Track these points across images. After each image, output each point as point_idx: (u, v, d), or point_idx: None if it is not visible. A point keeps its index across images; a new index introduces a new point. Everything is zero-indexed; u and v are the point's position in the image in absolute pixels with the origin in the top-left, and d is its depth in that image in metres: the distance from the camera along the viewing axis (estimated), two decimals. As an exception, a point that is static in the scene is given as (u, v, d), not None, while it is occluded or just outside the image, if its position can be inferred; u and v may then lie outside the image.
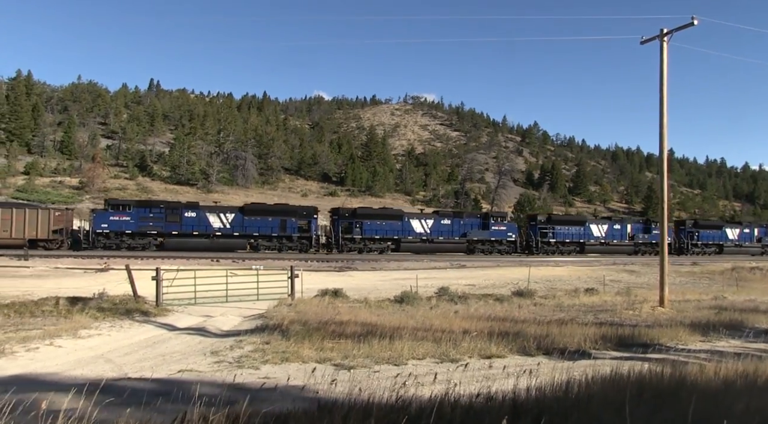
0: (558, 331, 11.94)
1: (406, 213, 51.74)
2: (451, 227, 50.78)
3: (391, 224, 48.75)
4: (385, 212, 51.21)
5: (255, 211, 46.37)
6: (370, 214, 49.41)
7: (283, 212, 47.21)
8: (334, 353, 9.64)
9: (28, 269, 31.94)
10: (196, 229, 43.83)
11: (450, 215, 52.55)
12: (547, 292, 25.74)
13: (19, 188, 70.27)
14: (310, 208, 49.13)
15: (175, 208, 44.42)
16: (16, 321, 13.85)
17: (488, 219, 52.35)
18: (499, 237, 52.29)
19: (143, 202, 46.25)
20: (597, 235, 57.07)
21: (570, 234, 55.77)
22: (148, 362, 9.83)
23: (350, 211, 49.57)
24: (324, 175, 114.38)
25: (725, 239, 65.06)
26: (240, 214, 45.33)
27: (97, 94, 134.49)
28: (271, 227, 45.36)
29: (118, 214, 42.60)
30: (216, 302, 18.44)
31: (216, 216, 44.83)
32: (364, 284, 28.19)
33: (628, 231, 59.12)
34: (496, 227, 52.17)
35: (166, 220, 43.39)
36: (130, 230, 42.52)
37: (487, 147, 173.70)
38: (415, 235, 49.57)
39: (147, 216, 43.24)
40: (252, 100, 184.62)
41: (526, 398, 5.06)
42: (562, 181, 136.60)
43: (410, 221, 49.60)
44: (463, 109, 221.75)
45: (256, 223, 45.11)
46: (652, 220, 63.77)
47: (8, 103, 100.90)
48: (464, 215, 53.80)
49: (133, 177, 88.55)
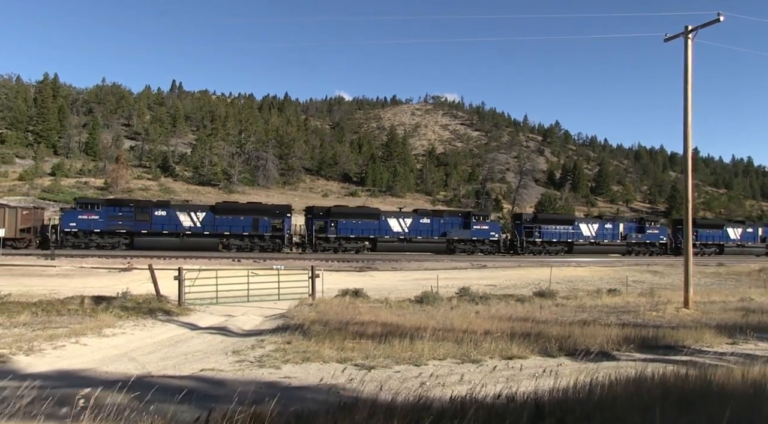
0: (580, 332, 11.82)
1: (384, 212, 50.59)
2: (430, 226, 49.58)
3: (368, 223, 47.85)
4: (361, 210, 50.35)
5: (226, 210, 45.86)
6: (345, 212, 48.54)
7: (256, 210, 46.61)
8: (355, 353, 9.64)
9: (54, 269, 32.46)
10: (166, 228, 43.33)
11: (429, 214, 51.16)
12: (568, 292, 25.50)
13: (45, 189, 71.43)
14: (284, 207, 48.42)
15: (144, 207, 44.03)
16: (44, 319, 14.09)
17: (469, 218, 50.99)
18: (481, 236, 50.82)
19: (112, 201, 46.03)
20: (587, 234, 55.28)
21: (557, 233, 54.09)
22: (171, 361, 9.93)
23: (325, 209, 48.96)
24: (344, 175, 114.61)
25: (726, 239, 62.48)
26: (211, 213, 44.81)
27: (121, 96, 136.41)
28: (242, 225, 44.83)
29: (86, 213, 42.22)
30: (237, 302, 18.58)
31: (187, 215, 44.29)
32: (385, 284, 28.19)
33: (620, 230, 57.18)
34: (477, 227, 50.62)
35: (136, 219, 43.00)
36: (99, 229, 42.17)
37: (508, 147, 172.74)
38: (392, 234, 48.56)
39: (116, 215, 42.89)
40: (273, 100, 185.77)
41: (549, 400, 5.02)
42: (584, 181, 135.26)
43: (387, 220, 48.71)
44: (484, 109, 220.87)
45: (228, 222, 44.63)
46: (647, 219, 62.35)
47: (36, 105, 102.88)
48: (444, 213, 52.40)
49: (155, 178, 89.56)
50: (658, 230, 59.25)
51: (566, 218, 58.38)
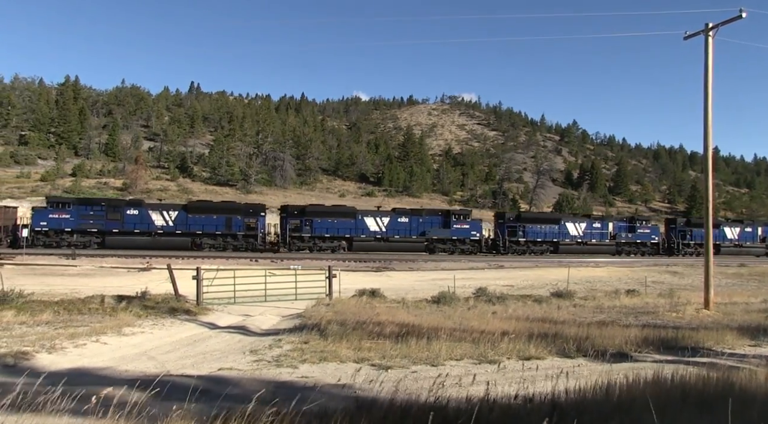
0: (598, 333, 11.74)
1: (360, 211, 49.88)
2: (408, 225, 48.92)
3: (343, 222, 47.23)
4: (337, 209, 49.96)
5: (199, 208, 45.53)
6: (320, 211, 48.05)
7: (229, 209, 46.18)
8: (372, 353, 9.66)
9: (76, 268, 32.93)
10: (138, 227, 43.09)
11: (408, 213, 50.39)
12: (586, 293, 25.33)
13: (66, 190, 72.34)
14: (258, 206, 48.16)
15: (116, 206, 43.96)
16: (65, 318, 14.29)
17: (449, 217, 50.15)
18: (462, 236, 49.87)
19: (84, 200, 45.84)
20: (574, 234, 54.07)
21: (543, 233, 53.05)
22: (189, 360, 10.02)
23: (299, 208, 48.58)
24: (361, 175, 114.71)
25: (723, 239, 59.74)
26: (184, 212, 44.54)
27: (140, 98, 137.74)
28: (215, 225, 44.48)
29: (57, 211, 42.09)
30: (255, 302, 18.72)
31: (159, 214, 44.06)
32: (402, 285, 28.21)
33: (609, 230, 55.87)
34: (458, 226, 49.62)
35: (107, 217, 42.81)
36: (70, 228, 42.04)
37: (525, 146, 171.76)
38: (369, 233, 47.99)
39: (87, 214, 42.73)
40: (290, 101, 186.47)
41: (566, 400, 5.00)
42: (601, 181, 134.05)
43: (364, 219, 48.11)
44: (501, 109, 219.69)
45: (200, 221, 44.33)
46: (638, 218, 60.89)
47: (57, 107, 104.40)
48: (423, 212, 51.34)
49: (174, 178, 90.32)
50: (650, 229, 58.08)
51: (552, 217, 57.38)
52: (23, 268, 31.94)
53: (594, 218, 58.88)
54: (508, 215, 54.50)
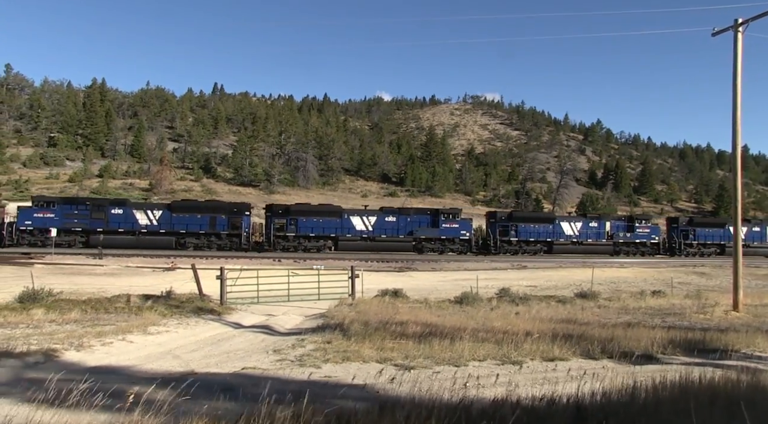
0: (623, 334, 11.58)
1: (346, 210, 49.52)
2: (396, 225, 48.28)
3: (329, 221, 46.74)
4: (323, 208, 49.33)
5: (183, 208, 45.42)
6: (305, 210, 47.68)
7: (213, 208, 46.11)
8: (395, 353, 9.65)
9: (102, 268, 33.48)
10: (122, 226, 43.17)
11: (395, 212, 49.69)
12: (611, 294, 25.02)
13: (93, 191, 73.59)
14: (243, 205, 48.04)
15: (100, 206, 44.05)
16: (92, 317, 14.53)
17: (438, 216, 49.32)
18: (451, 235, 49.23)
19: (69, 200, 46.08)
20: (569, 233, 52.70)
21: (536, 232, 51.81)
22: (214, 359, 10.11)
23: (284, 207, 48.35)
24: (384, 175, 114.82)
25: (729, 239, 56.77)
26: (168, 211, 44.53)
27: (165, 99, 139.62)
28: (199, 224, 44.42)
29: (42, 211, 42.38)
30: (278, 302, 18.82)
31: (143, 213, 44.13)
32: (424, 285, 28.17)
33: (606, 229, 54.23)
34: (447, 225, 49.02)
35: (91, 217, 42.95)
36: (55, 227, 41.88)
37: (549, 146, 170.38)
38: (355, 232, 47.38)
39: (72, 213, 42.89)
40: (312, 102, 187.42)
41: (591, 402, 4.94)
42: (626, 181, 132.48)
43: (350, 218, 47.63)
44: (524, 108, 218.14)
45: (185, 220, 44.25)
46: (637, 217, 59.13)
47: (85, 110, 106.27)
48: (412, 211, 50.75)
49: (198, 179, 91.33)
50: (650, 228, 56.29)
51: (545, 217, 55.98)
52: (52, 267, 32.56)
53: (591, 217, 57.31)
54: (499, 214, 53.33)
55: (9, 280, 25.14)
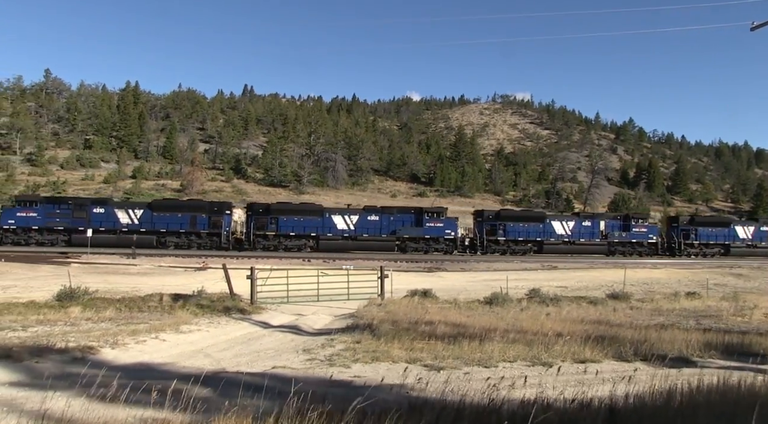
0: (657, 336, 11.38)
1: (327, 208, 48.93)
2: (379, 224, 47.28)
3: (310, 220, 46.20)
4: (304, 207, 49.03)
5: (164, 207, 45.39)
6: (286, 209, 47.32)
7: (194, 208, 45.99)
8: (424, 354, 9.63)
9: (136, 267, 34.08)
10: (104, 225, 43.19)
11: (378, 211, 48.76)
12: (644, 295, 24.64)
13: (126, 192, 74.97)
14: (223, 204, 47.74)
15: (82, 205, 44.14)
16: (126, 315, 14.82)
17: (422, 215, 48.21)
18: (435, 235, 48.06)
19: (51, 199, 46.46)
20: (560, 233, 50.98)
21: (525, 232, 50.36)
22: (244, 358, 10.22)
23: (264, 206, 48.02)
24: (413, 175, 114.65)
25: (734, 239, 55.32)
26: (149, 210, 44.50)
27: (196, 101, 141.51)
28: (180, 223, 44.33)
29: (25, 210, 42.76)
30: (307, 301, 18.93)
31: (125, 212, 44.16)
32: (454, 285, 28.06)
33: (600, 229, 52.31)
34: (431, 224, 47.91)
35: (73, 216, 43.17)
36: (38, 226, 42.71)
37: (579, 145, 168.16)
38: (336, 232, 46.60)
39: (54, 212, 43.18)
40: (341, 102, 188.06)
41: (624, 406, 4.86)
42: (659, 180, 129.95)
43: (332, 217, 46.91)
44: (554, 107, 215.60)
45: (165, 219, 44.18)
46: (633, 216, 56.43)
47: (119, 112, 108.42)
48: (395, 210, 49.68)
49: (228, 179, 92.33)
50: (647, 228, 54.19)
51: (535, 215, 54.01)
52: (87, 266, 33.27)
53: (584, 215, 55.51)
54: (486, 213, 51.70)
55: (48, 279, 25.81)
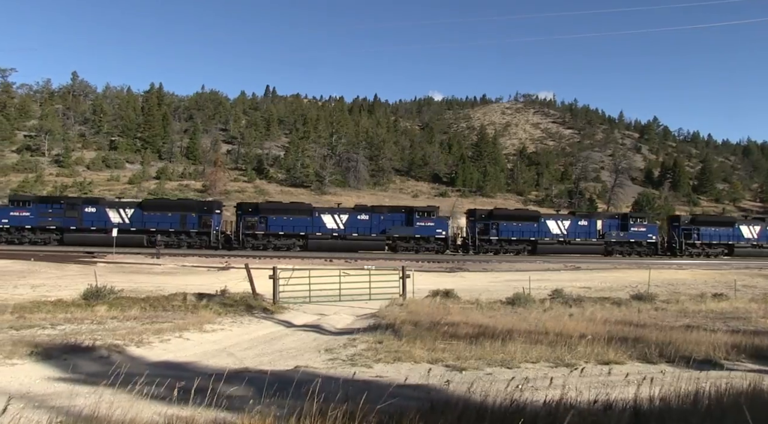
0: (682, 338, 11.20)
1: (317, 208, 49.06)
2: (369, 223, 47.17)
3: (299, 220, 46.30)
4: (293, 206, 49.08)
5: (154, 206, 45.93)
6: (275, 208, 47.43)
7: (184, 207, 46.54)
8: (446, 354, 9.61)
9: (160, 267, 34.50)
10: (95, 224, 43.92)
11: (369, 210, 48.75)
12: (669, 296, 24.26)
13: (151, 192, 75.89)
14: (213, 204, 48.18)
15: (74, 204, 44.78)
16: (151, 314, 15.01)
17: (413, 214, 47.83)
18: (426, 234, 47.66)
19: (44, 198, 47.22)
20: (555, 232, 50.11)
21: (519, 231, 49.55)
22: (267, 357, 10.29)
23: (254, 205, 48.28)
24: (434, 175, 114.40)
25: (738, 238, 53.77)
26: (139, 209, 44.97)
27: (219, 102, 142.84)
28: (170, 222, 44.72)
29: (18, 209, 43.52)
30: (329, 301, 18.99)
31: (116, 211, 44.69)
32: (476, 285, 27.94)
33: (597, 228, 51.20)
34: (421, 223, 47.50)
35: (65, 215, 43.84)
36: (30, 225, 43.49)
37: (603, 145, 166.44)
38: (326, 231, 46.62)
39: (46, 212, 43.88)
40: (363, 102, 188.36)
41: (649, 408, 4.81)
42: (685, 179, 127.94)
43: (321, 217, 46.92)
44: (577, 106, 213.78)
45: (156, 218, 44.61)
46: (631, 215, 55.48)
47: (143, 114, 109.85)
48: (385, 209, 49.51)
49: (251, 180, 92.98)
50: (645, 227, 52.80)
51: (529, 214, 52.84)
52: (113, 266, 33.77)
53: (580, 215, 54.56)
54: (479, 212, 50.97)
55: (75, 278, 26.29)
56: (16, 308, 15.07)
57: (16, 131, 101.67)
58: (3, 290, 22.28)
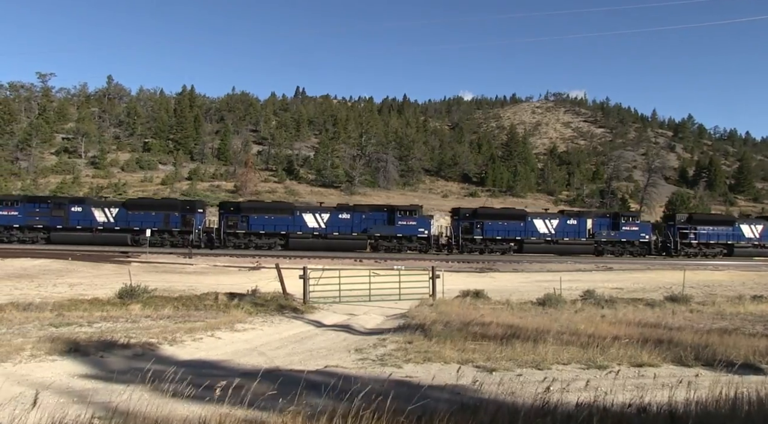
0: (719, 341, 10.95)
1: (299, 207, 49.21)
2: (350, 222, 46.94)
3: (280, 218, 46.31)
4: (274, 205, 49.37)
5: (138, 205, 46.36)
6: (256, 207, 47.57)
7: (167, 206, 46.57)
8: (476, 355, 9.56)
9: (192, 267, 35.01)
10: (81, 223, 44.44)
11: (350, 209, 48.46)
12: (704, 298, 23.76)
13: (183, 193, 76.98)
14: (195, 203, 48.06)
15: (60, 204, 45.45)
16: (184, 313, 15.25)
17: (394, 213, 47.36)
18: (408, 233, 47.16)
19: (31, 198, 47.88)
20: (543, 231, 48.88)
21: (504, 230, 48.51)
22: (297, 357, 10.36)
23: (235, 204, 48.61)
24: (464, 175, 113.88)
25: (739, 238, 51.67)
26: (124, 208, 45.50)
27: (249, 104, 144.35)
28: (153, 221, 44.85)
29: (6, 209, 44.18)
30: (359, 301, 19.06)
31: (101, 211, 45.13)
32: (506, 286, 27.77)
33: (588, 227, 49.78)
34: (403, 223, 46.97)
35: (52, 214, 44.43)
36: (18, 225, 44.19)
37: (635, 143, 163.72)
38: (307, 230, 46.43)
39: (33, 211, 44.50)
40: (392, 103, 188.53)
41: (685, 412, 4.71)
42: (721, 178, 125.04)
43: (302, 216, 46.73)
44: (609, 105, 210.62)
45: (139, 217, 44.94)
46: (623, 214, 53.61)
47: (175, 115, 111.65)
48: (367, 208, 49.20)
49: (281, 180, 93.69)
50: (638, 226, 51.08)
51: (514, 213, 51.35)
52: (147, 265, 34.39)
53: (569, 213, 52.83)
54: (463, 211, 50.05)
55: (110, 277, 26.88)
56: (55, 306, 15.49)
57: (54, 134, 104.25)
58: (43, 289, 22.93)
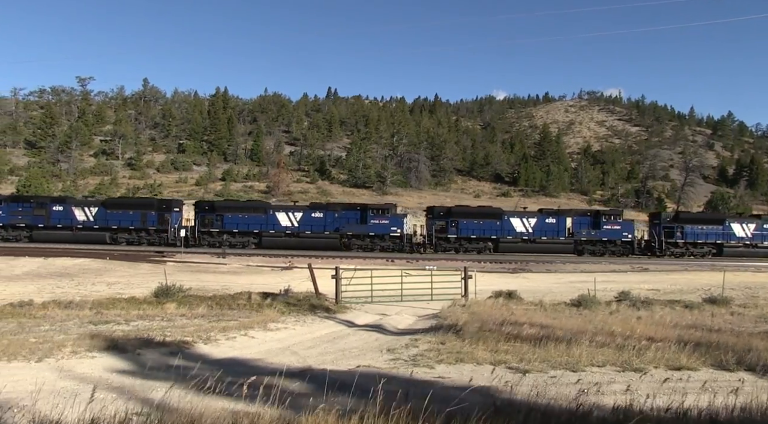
0: (763, 345, 10.65)
1: (273, 206, 49.35)
2: (323, 221, 46.64)
3: (255, 217, 46.42)
4: (248, 204, 49.97)
5: (116, 205, 46.84)
6: (230, 206, 48.10)
7: (144, 205, 47.11)
8: (509, 356, 9.47)
9: (225, 266, 35.45)
10: (62, 222, 45.03)
11: (323, 208, 48.36)
12: (746, 300, 23.15)
13: (217, 193, 78.09)
14: (172, 202, 48.55)
15: (42, 203, 46.09)
16: (217, 312, 15.47)
17: (366, 212, 46.90)
18: (380, 232, 46.49)
19: (15, 198, 48.89)
20: (520, 230, 47.64)
21: (479, 229, 47.40)
22: (329, 356, 10.41)
23: (210, 203, 48.71)
24: (496, 175, 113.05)
25: (728, 238, 49.55)
26: (103, 208, 45.92)
27: (281, 105, 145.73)
28: (131, 220, 45.38)
29: None
30: (391, 301, 19.06)
31: (81, 210, 45.68)
32: (539, 287, 27.47)
33: (567, 226, 48.23)
34: (375, 221, 46.42)
35: (34, 213, 45.15)
36: (2, 224, 44.98)
37: (672, 142, 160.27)
38: (280, 228, 46.37)
39: (17, 210, 45.30)
40: (424, 103, 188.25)
41: (728, 418, 4.58)
42: (763, 177, 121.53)
43: (276, 214, 46.74)
44: (644, 103, 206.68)
45: (117, 216, 45.41)
46: (604, 212, 51.28)
47: (209, 117, 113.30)
48: (339, 207, 48.85)
49: (313, 181, 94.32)
50: (620, 225, 49.09)
51: (490, 212, 49.95)
52: (181, 265, 34.95)
53: (548, 212, 51.11)
54: (437, 209, 49.43)
55: (146, 276, 27.40)
56: (94, 305, 15.88)
57: (93, 136, 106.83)
58: (83, 287, 23.53)
